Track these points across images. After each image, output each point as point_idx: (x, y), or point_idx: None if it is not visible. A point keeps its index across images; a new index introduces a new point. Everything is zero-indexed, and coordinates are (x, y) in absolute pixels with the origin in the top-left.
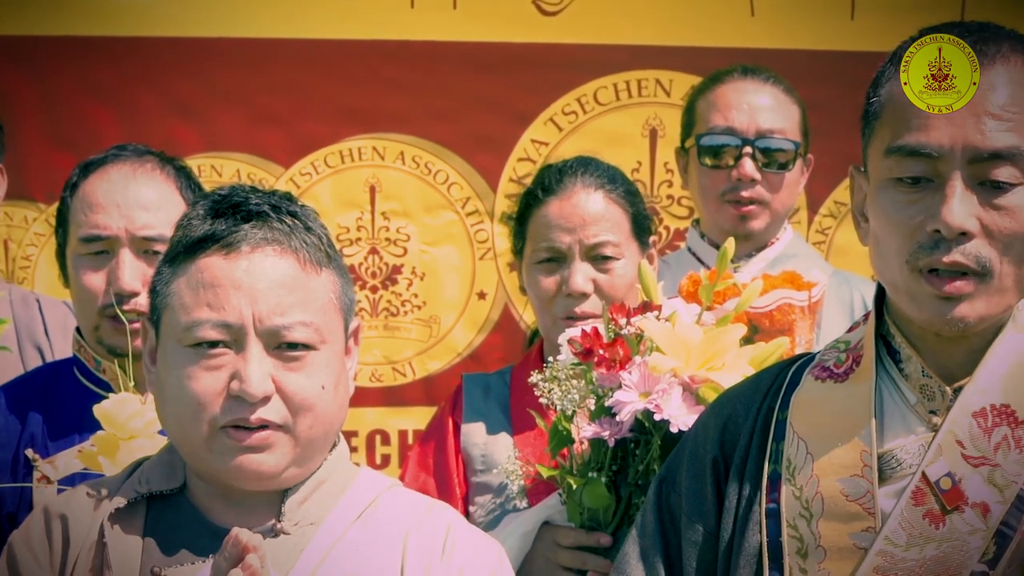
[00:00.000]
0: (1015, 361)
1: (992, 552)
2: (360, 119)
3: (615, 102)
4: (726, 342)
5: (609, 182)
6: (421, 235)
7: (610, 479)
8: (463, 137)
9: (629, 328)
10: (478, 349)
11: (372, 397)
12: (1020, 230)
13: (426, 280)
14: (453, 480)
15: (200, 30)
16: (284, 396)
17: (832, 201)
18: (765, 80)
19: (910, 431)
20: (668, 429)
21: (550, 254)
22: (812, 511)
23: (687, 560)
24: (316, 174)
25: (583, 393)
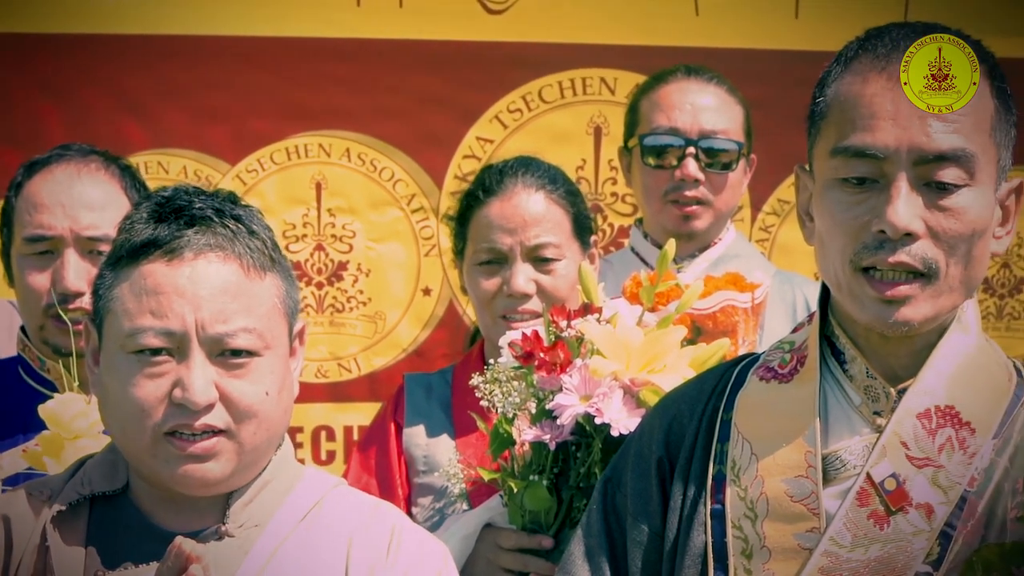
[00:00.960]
0: (960, 362)
1: (936, 553)
2: (306, 116)
3: (560, 100)
4: (667, 344)
5: (550, 182)
6: (367, 232)
7: (551, 482)
8: (409, 134)
9: (570, 331)
10: (423, 345)
11: (317, 393)
12: (965, 231)
13: (371, 276)
14: (395, 481)
15: (147, 27)
16: (228, 403)
17: (775, 199)
18: (709, 80)
19: (854, 432)
20: (609, 432)
21: (491, 255)
22: (757, 512)
23: (632, 560)
24: (262, 171)
25: (524, 396)
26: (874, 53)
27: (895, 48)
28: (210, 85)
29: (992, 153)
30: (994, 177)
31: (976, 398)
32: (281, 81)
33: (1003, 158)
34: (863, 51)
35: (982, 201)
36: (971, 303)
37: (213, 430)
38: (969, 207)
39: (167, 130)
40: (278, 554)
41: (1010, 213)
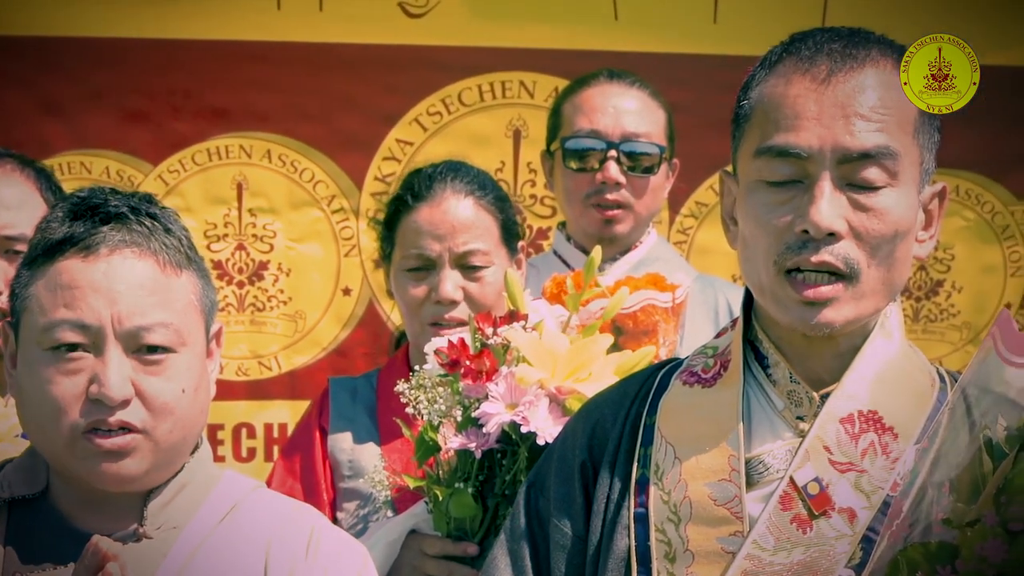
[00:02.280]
0: (882, 367)
1: (859, 557)
2: (227, 118)
3: (479, 103)
4: (592, 352)
5: (479, 188)
6: (287, 232)
7: (477, 489)
8: (329, 136)
9: (495, 338)
10: (343, 344)
11: (238, 391)
12: (887, 232)
13: (292, 276)
14: (320, 486)
15: (69, 29)
16: (144, 399)
17: (693, 201)
18: (631, 84)
19: (777, 436)
20: (535, 441)
21: (419, 262)
22: (680, 515)
23: (555, 564)
24: (184, 171)
25: (449, 403)
26: (798, 56)
27: (818, 51)
28: (132, 87)
29: (915, 155)
30: (917, 180)
31: (899, 403)
32: (203, 83)
33: (926, 160)
34: (787, 54)
35: (905, 203)
36: (894, 308)
37: (129, 427)
38: (892, 208)
39: (89, 131)
40: (196, 556)
41: (933, 217)
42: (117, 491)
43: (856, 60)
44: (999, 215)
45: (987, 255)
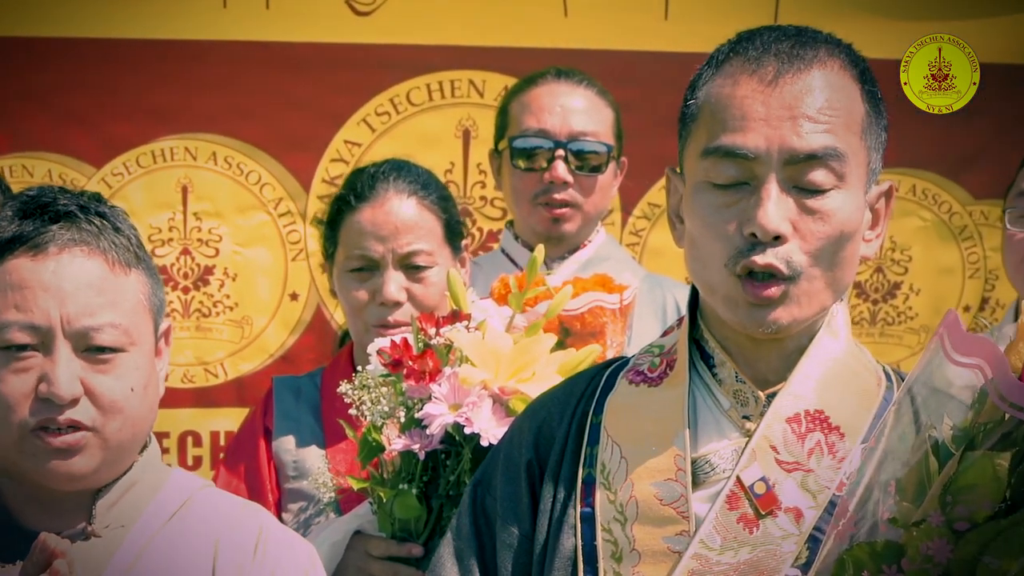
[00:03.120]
0: (829, 367)
1: (805, 557)
2: (172, 119)
3: (428, 103)
4: (536, 352)
5: (422, 188)
6: (233, 236)
7: (421, 490)
8: (276, 138)
9: (438, 339)
10: (290, 350)
11: (184, 398)
12: (834, 234)
13: (238, 281)
14: (265, 487)
15: (10, 30)
16: (93, 398)
17: (646, 203)
18: (579, 83)
19: (724, 436)
20: (479, 441)
21: (363, 263)
22: (626, 515)
23: (502, 563)
24: (128, 174)
25: (392, 404)
26: (745, 56)
27: (766, 51)
28: (75, 88)
29: (862, 156)
30: (864, 180)
31: (845, 402)
32: (147, 84)
33: (873, 161)
34: (734, 54)
35: (852, 204)
36: (841, 308)
37: (78, 425)
38: (838, 210)
39: (31, 134)
40: (144, 555)
41: (880, 216)
42: (66, 489)
43: (803, 61)
44: (957, 215)
45: (945, 256)
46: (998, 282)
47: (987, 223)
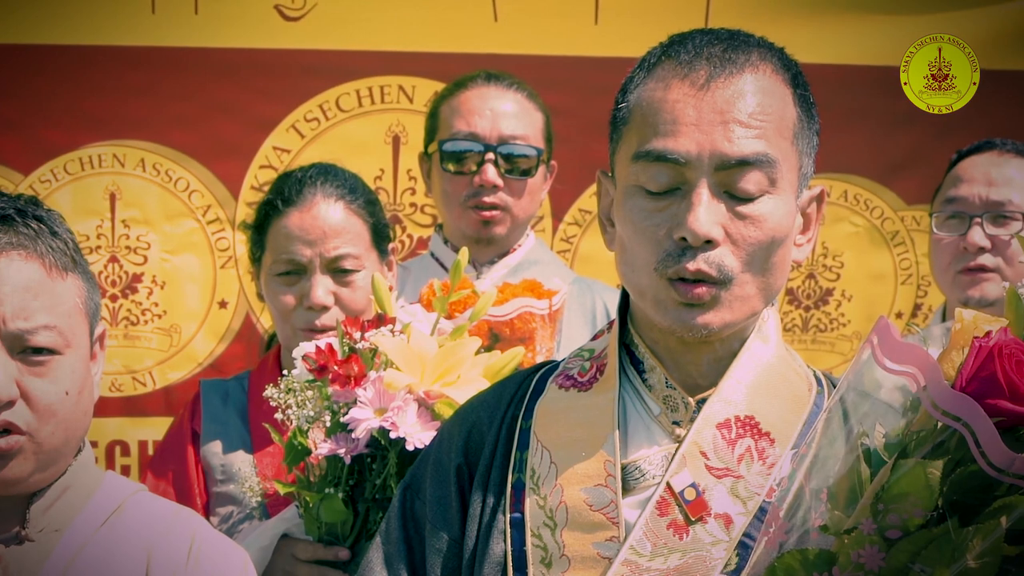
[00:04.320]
0: (759, 372)
1: (735, 563)
2: (100, 125)
3: (358, 109)
4: (461, 356)
5: (349, 192)
6: (162, 243)
7: (347, 494)
8: (204, 144)
9: (363, 343)
10: (219, 358)
11: (112, 407)
12: (765, 239)
13: (167, 289)
14: (193, 490)
15: None
16: (28, 401)
17: (577, 209)
18: (508, 86)
19: (654, 442)
20: (404, 445)
21: (290, 267)
22: (556, 520)
23: (431, 568)
24: (55, 181)
25: (318, 408)
26: (677, 60)
27: (698, 55)
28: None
29: (794, 160)
30: (795, 185)
31: (776, 408)
32: (74, 90)
33: (805, 165)
34: (666, 57)
35: (783, 209)
36: (771, 313)
37: (13, 428)
38: (769, 215)
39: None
40: (78, 559)
41: (811, 221)
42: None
43: (735, 65)
44: (888, 220)
45: (877, 262)
46: (930, 288)
47: (919, 229)
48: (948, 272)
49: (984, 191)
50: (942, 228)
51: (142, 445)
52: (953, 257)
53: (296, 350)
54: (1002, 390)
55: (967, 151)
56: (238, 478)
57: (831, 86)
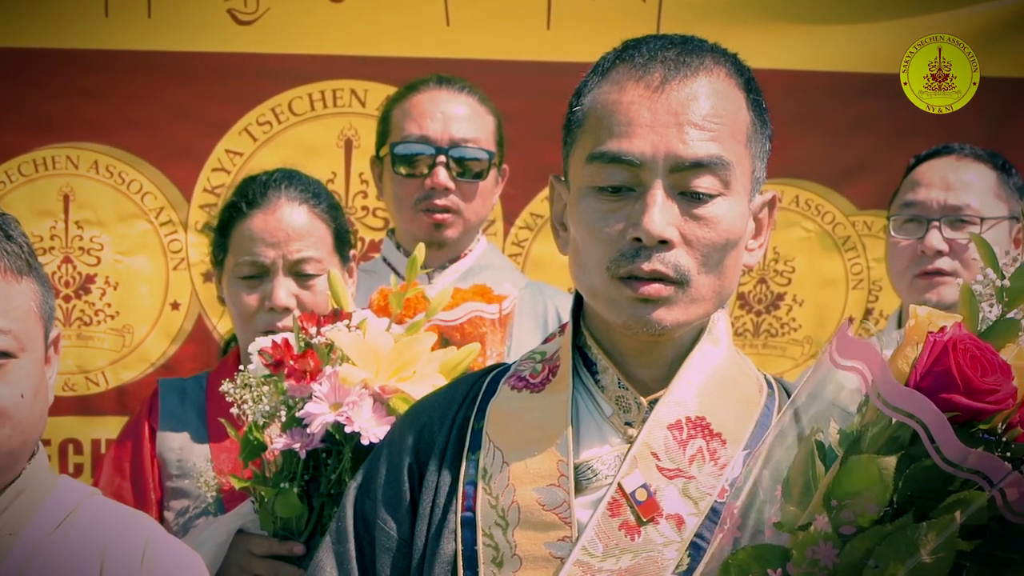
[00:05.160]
0: (710, 374)
1: (687, 564)
2: (54, 128)
3: (310, 112)
4: (416, 351)
5: (313, 196)
6: (115, 245)
7: (302, 489)
8: (157, 147)
9: (319, 338)
10: (171, 359)
11: (65, 406)
12: (718, 241)
13: (119, 290)
14: (148, 484)
15: None
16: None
17: (528, 213)
18: (460, 90)
19: (606, 442)
20: (359, 440)
21: (253, 269)
22: (508, 520)
23: (381, 567)
24: (9, 183)
25: (274, 403)
26: (631, 63)
27: (652, 58)
28: None
29: (747, 164)
30: (748, 189)
31: (727, 409)
32: (28, 92)
33: (758, 170)
34: (620, 61)
35: (736, 211)
36: (722, 315)
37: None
38: (723, 217)
39: None
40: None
41: (763, 226)
42: None
43: (690, 68)
44: (840, 226)
45: (828, 267)
46: (882, 293)
47: (870, 234)
48: (905, 276)
49: (942, 195)
50: (900, 232)
51: (95, 444)
52: (910, 261)
53: (252, 345)
54: (956, 385)
55: (925, 155)
56: (194, 473)
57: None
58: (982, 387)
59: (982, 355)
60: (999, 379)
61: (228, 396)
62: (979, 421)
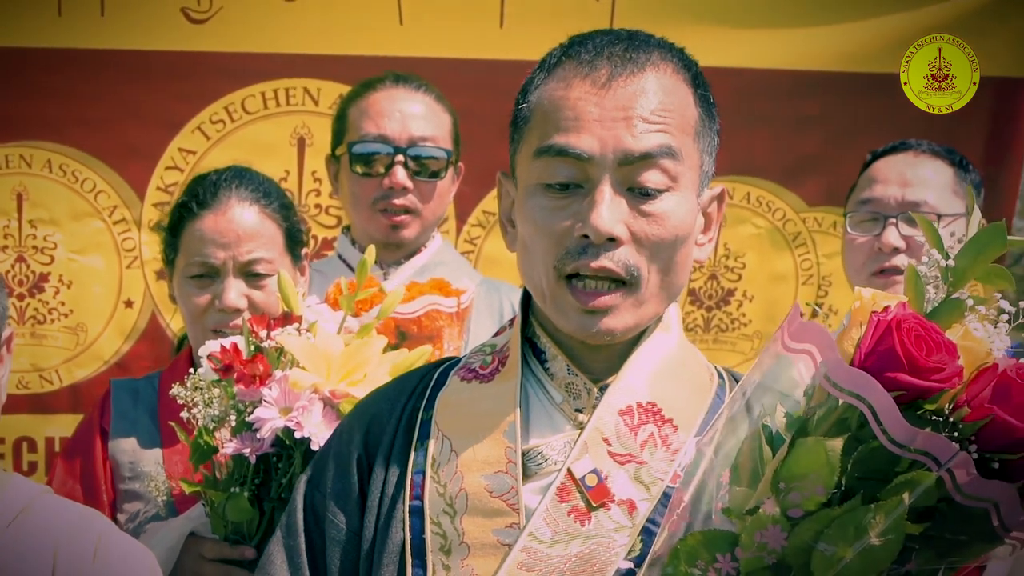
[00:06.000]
0: (662, 360)
1: (639, 549)
2: (7, 127)
3: (263, 110)
4: (367, 354)
5: (264, 196)
6: (68, 243)
7: (253, 493)
8: (111, 145)
9: (269, 342)
10: (125, 357)
11: (19, 404)
12: (668, 237)
13: (73, 288)
14: (100, 487)
15: None
16: None
17: (481, 211)
18: (417, 88)
19: (556, 430)
20: (309, 445)
21: (204, 270)
22: (456, 508)
23: (331, 560)
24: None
25: (224, 407)
26: (578, 59)
27: (598, 55)
28: None
29: (695, 159)
30: (697, 183)
31: (678, 395)
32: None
33: (706, 164)
34: (567, 57)
35: (685, 207)
36: (673, 304)
37: None
38: (672, 212)
39: None
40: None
41: (712, 220)
42: None
43: (636, 64)
44: (790, 222)
45: (778, 263)
46: (831, 288)
47: (820, 230)
48: (862, 273)
49: (899, 192)
50: (856, 229)
51: (49, 442)
52: (867, 258)
53: (202, 349)
54: (901, 363)
55: (882, 152)
56: (146, 476)
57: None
58: (927, 365)
59: (927, 334)
60: (944, 358)
61: (179, 399)
62: (925, 401)
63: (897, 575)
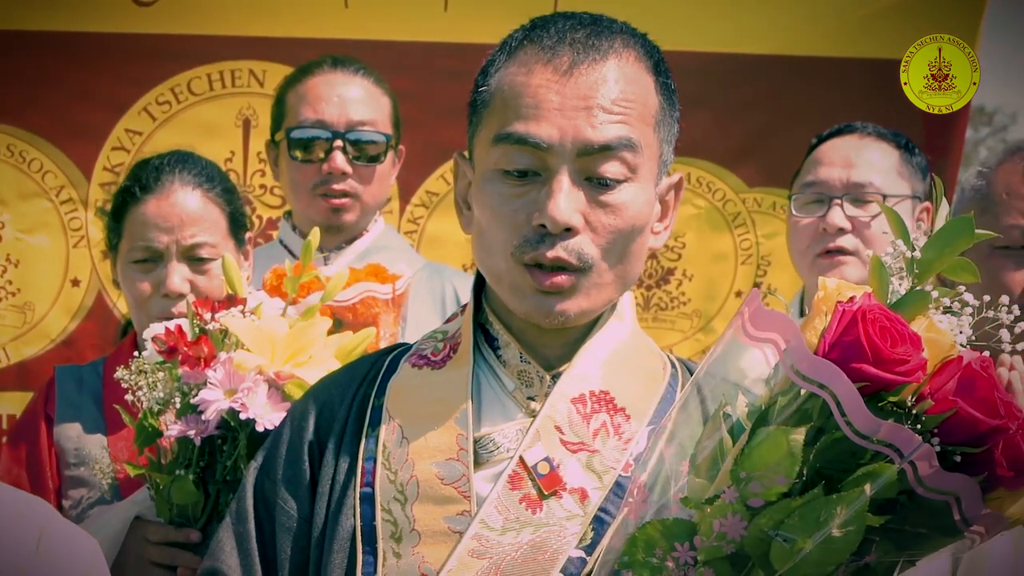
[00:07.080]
0: (614, 348)
1: (590, 538)
2: None
3: (209, 92)
4: (312, 336)
5: (207, 180)
6: (15, 222)
7: (198, 476)
8: (58, 126)
9: (214, 324)
10: (72, 335)
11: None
12: (624, 227)
13: (20, 267)
14: (46, 473)
15: None
16: None
17: (424, 191)
18: (356, 72)
19: (508, 417)
20: (254, 427)
21: (147, 254)
22: (407, 495)
23: (281, 546)
24: None
25: (169, 389)
26: (540, 45)
27: (561, 40)
28: None
29: (655, 148)
30: (655, 173)
31: (631, 384)
32: None
33: (665, 153)
34: (528, 41)
35: (643, 197)
36: (626, 293)
37: None
38: (630, 203)
39: None
40: None
41: (669, 208)
42: None
43: (599, 52)
44: (730, 203)
45: (718, 243)
46: (770, 268)
47: (760, 210)
48: (807, 255)
49: (844, 173)
50: (801, 211)
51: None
52: (812, 240)
53: (147, 331)
54: (866, 355)
55: (827, 135)
56: (91, 460)
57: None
58: (892, 357)
59: (892, 325)
60: (909, 350)
61: (123, 383)
62: (889, 392)
63: (856, 567)
